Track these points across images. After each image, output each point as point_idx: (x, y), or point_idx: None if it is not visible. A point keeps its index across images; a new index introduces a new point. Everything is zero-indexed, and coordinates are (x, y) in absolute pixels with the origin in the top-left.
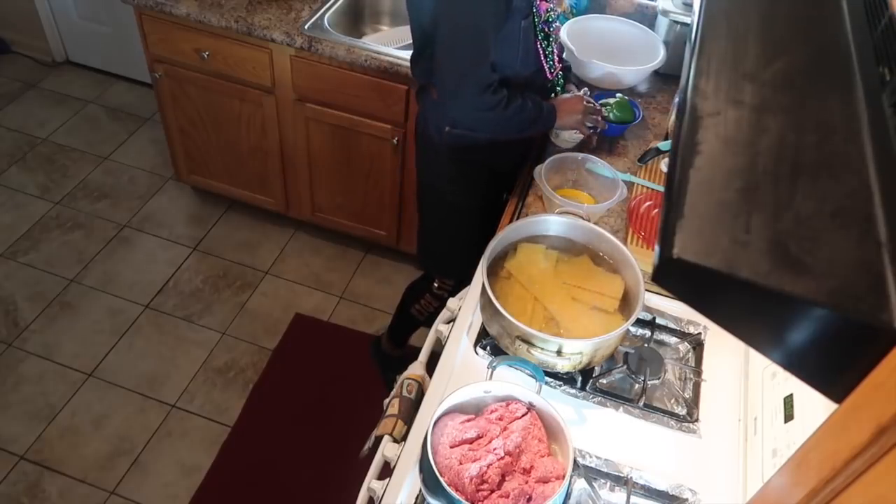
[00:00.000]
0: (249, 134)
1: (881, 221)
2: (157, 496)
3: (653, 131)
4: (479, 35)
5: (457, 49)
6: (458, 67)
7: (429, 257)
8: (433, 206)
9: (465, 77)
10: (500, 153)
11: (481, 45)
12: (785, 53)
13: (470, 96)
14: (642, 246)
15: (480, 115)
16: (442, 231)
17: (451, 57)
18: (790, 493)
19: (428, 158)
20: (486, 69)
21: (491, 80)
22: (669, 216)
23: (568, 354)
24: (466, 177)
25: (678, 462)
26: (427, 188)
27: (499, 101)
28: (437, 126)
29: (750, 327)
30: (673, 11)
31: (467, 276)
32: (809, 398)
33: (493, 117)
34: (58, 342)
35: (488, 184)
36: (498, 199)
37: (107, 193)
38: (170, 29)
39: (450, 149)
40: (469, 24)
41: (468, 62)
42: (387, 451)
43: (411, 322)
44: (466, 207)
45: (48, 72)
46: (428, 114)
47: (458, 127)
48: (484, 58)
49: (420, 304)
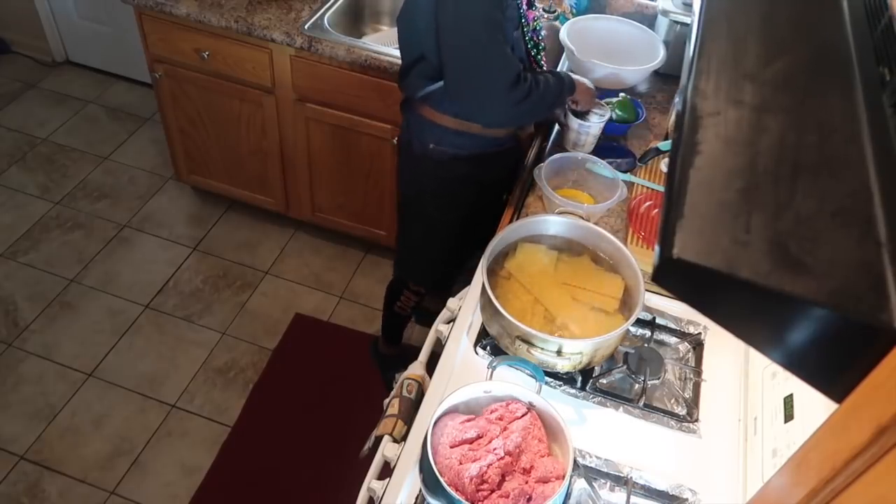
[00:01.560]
0: (249, 134)
1: (881, 221)
2: (157, 496)
3: (653, 131)
4: (494, 30)
5: (472, 57)
6: (481, 74)
7: (404, 266)
8: (414, 219)
9: (494, 80)
10: (487, 165)
11: (497, 43)
12: (785, 53)
13: (504, 96)
14: (642, 246)
15: (517, 108)
16: (421, 243)
17: (473, 65)
18: (790, 493)
19: (411, 171)
20: (512, 61)
21: (518, 69)
22: (669, 216)
23: (568, 354)
24: (450, 191)
25: (678, 462)
26: (409, 200)
27: (530, 88)
28: (421, 141)
29: (750, 327)
30: (673, 11)
31: (439, 284)
32: (809, 398)
33: (528, 107)
34: (58, 342)
35: (473, 196)
36: (485, 208)
37: (107, 193)
38: (170, 29)
39: (435, 164)
40: (479, 28)
41: (494, 64)
42: (387, 451)
43: (397, 319)
44: (448, 220)
45: (48, 72)
46: (412, 128)
47: (441, 143)
48: (505, 54)
49: (401, 300)
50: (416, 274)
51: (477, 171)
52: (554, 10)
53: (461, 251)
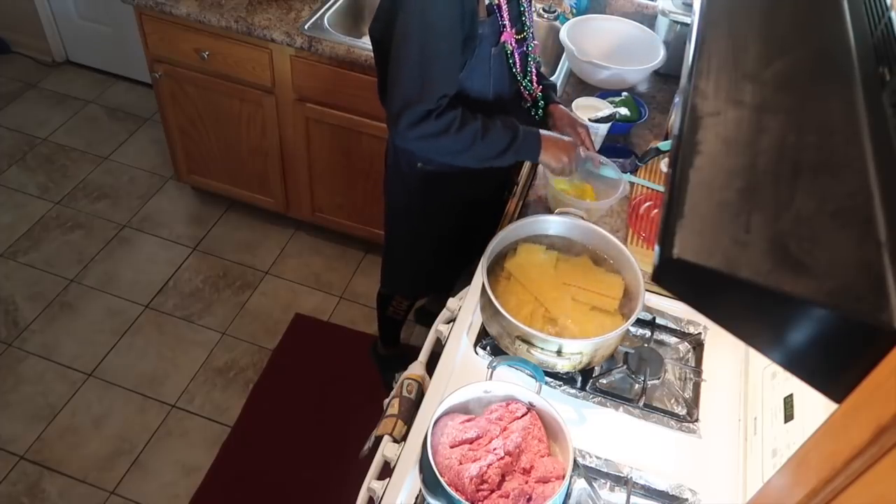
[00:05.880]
0: (249, 134)
1: (881, 221)
2: (157, 496)
3: (653, 131)
4: (429, 58)
5: (402, 72)
6: (401, 92)
7: (391, 279)
8: (401, 233)
9: (393, 95)
10: (477, 184)
11: (429, 69)
12: (785, 53)
13: (407, 121)
14: (642, 246)
15: (424, 143)
16: (408, 257)
17: (397, 80)
18: (790, 493)
19: (399, 188)
20: (435, 85)
21: (432, 106)
22: (669, 216)
23: (568, 354)
24: (438, 208)
25: (678, 462)
26: (395, 215)
27: (447, 125)
28: (408, 160)
29: (750, 327)
30: (673, 11)
31: (424, 296)
32: (809, 398)
33: (442, 144)
34: (58, 342)
35: (462, 214)
36: (477, 221)
37: (107, 193)
38: (170, 29)
39: (424, 182)
40: (418, 47)
41: (403, 76)
42: (387, 451)
43: (393, 323)
44: (435, 237)
45: (48, 72)
46: (395, 143)
47: (430, 163)
48: (429, 83)
49: (392, 305)
50: (403, 286)
51: (469, 188)
52: (554, 10)
53: (453, 260)
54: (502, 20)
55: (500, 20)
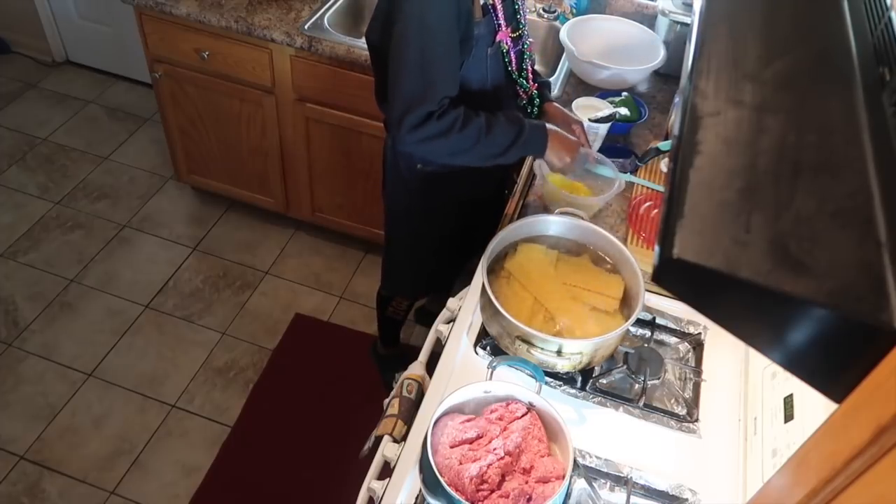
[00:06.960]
0: (249, 134)
1: (881, 221)
2: (157, 496)
3: (653, 131)
4: (430, 60)
5: (403, 76)
6: (402, 96)
7: (391, 281)
8: (401, 234)
9: (394, 97)
10: (477, 184)
11: (430, 71)
12: (785, 53)
13: (409, 124)
14: (642, 246)
15: (427, 145)
16: (408, 258)
17: (398, 84)
18: (790, 493)
19: (398, 189)
20: (432, 95)
21: (434, 107)
22: (669, 216)
23: (568, 354)
24: (439, 209)
25: (678, 462)
26: (396, 217)
27: (450, 125)
28: (407, 162)
29: (750, 327)
30: (673, 11)
31: (436, 287)
32: (809, 398)
33: (446, 144)
34: (58, 342)
35: (462, 213)
36: (478, 220)
37: (107, 193)
38: (170, 29)
39: (424, 183)
40: (418, 50)
41: (412, 89)
42: (387, 451)
43: (392, 323)
44: (436, 237)
45: (48, 72)
46: (397, 148)
47: (429, 164)
48: (430, 85)
49: (392, 306)
50: (404, 288)
51: (469, 188)
52: (554, 10)
53: (454, 259)
54: (497, 19)
55: (495, 19)
